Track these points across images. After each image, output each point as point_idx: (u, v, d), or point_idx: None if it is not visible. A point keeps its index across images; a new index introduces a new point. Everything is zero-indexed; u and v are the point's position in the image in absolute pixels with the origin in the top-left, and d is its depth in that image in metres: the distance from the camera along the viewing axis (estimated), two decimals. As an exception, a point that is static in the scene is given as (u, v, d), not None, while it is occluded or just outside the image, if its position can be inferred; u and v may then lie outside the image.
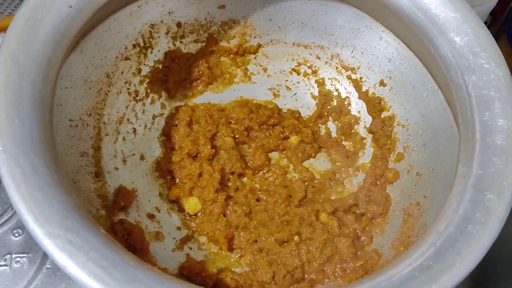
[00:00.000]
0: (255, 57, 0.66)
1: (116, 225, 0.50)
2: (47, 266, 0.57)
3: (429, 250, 0.39)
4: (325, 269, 0.52)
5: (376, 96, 0.62)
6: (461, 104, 0.48)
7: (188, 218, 0.55)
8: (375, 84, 0.62)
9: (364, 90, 0.63)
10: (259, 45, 0.66)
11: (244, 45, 0.65)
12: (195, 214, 0.55)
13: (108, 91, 0.57)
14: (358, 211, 0.57)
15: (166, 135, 0.60)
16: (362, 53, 0.63)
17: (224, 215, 0.55)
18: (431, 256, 0.38)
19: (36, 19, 0.43)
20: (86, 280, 0.33)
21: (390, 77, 0.61)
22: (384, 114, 0.61)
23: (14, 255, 0.57)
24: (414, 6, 0.51)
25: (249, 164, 0.60)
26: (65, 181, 0.39)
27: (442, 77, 0.54)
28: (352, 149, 0.62)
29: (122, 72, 0.58)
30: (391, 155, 0.59)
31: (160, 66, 0.62)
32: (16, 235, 0.58)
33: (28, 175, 0.36)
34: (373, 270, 0.52)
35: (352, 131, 0.63)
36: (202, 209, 0.55)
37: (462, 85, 0.48)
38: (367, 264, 0.52)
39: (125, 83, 0.59)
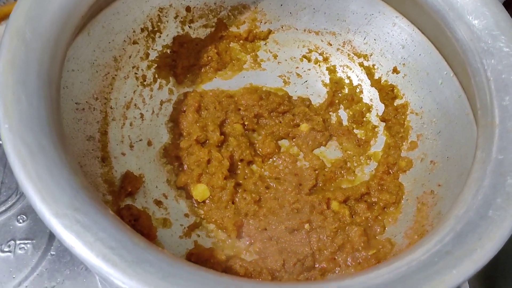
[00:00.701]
0: (265, 43, 0.64)
1: (123, 210, 0.49)
2: (52, 252, 0.56)
3: (448, 235, 0.38)
4: (336, 258, 0.51)
5: (389, 83, 0.61)
6: (479, 89, 0.47)
7: (196, 205, 0.54)
8: (388, 71, 0.61)
9: (377, 78, 0.62)
10: (269, 31, 0.64)
11: (254, 31, 0.64)
12: (203, 201, 0.54)
13: (116, 75, 0.55)
14: (370, 200, 0.56)
15: (174, 121, 0.58)
16: (375, 40, 0.61)
17: (233, 203, 0.54)
18: (450, 241, 0.37)
19: (44, -4, 0.42)
20: (94, 261, 0.32)
21: (404, 64, 0.59)
22: (397, 102, 0.60)
23: (18, 241, 0.56)
24: (430, -11, 0.50)
25: (258, 151, 0.59)
26: (73, 161, 0.38)
27: (459, 62, 0.53)
28: (363, 138, 0.60)
29: (130, 56, 0.57)
30: (404, 143, 0.58)
31: (169, 51, 0.60)
32: (21, 221, 0.57)
33: (35, 154, 0.35)
34: (386, 259, 0.50)
35: (364, 119, 0.61)
36: (211, 196, 0.54)
37: (480, 69, 0.47)
38: (380, 253, 0.51)
39: (133, 67, 0.57)
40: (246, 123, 0.59)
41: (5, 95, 0.37)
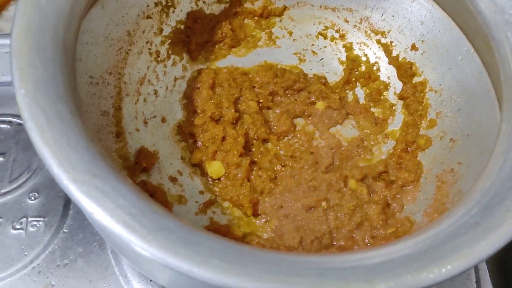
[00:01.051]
0: (280, 20, 0.63)
1: (138, 185, 0.48)
2: (64, 230, 0.55)
3: (475, 208, 0.37)
4: (354, 236, 0.50)
5: (407, 61, 0.59)
6: (503, 63, 0.46)
7: (211, 182, 0.53)
8: (406, 48, 0.60)
9: (395, 55, 0.60)
10: (285, 8, 0.63)
11: (269, 7, 0.63)
12: (218, 179, 0.53)
13: (129, 50, 0.54)
14: (388, 179, 0.54)
15: (188, 98, 0.57)
16: (393, 16, 0.60)
17: (248, 180, 0.53)
18: (478, 214, 0.36)
19: (59, -38, 0.41)
20: (114, 227, 0.31)
21: (423, 40, 0.58)
22: (416, 80, 0.58)
23: (30, 219, 0.55)
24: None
25: (273, 129, 0.58)
26: (90, 129, 0.37)
27: (480, 37, 0.52)
28: (381, 116, 0.59)
29: (144, 31, 0.56)
30: (422, 121, 0.57)
31: (182, 26, 0.59)
32: (33, 198, 0.56)
33: (52, 120, 0.34)
34: (406, 237, 0.49)
35: (381, 97, 0.60)
36: (226, 174, 0.53)
37: (504, 42, 0.46)
38: (399, 231, 0.50)
39: (146, 42, 0.56)
40: (260, 100, 0.58)
41: (21, 61, 0.36)
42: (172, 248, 0.31)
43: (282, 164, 0.55)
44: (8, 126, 0.60)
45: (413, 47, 0.59)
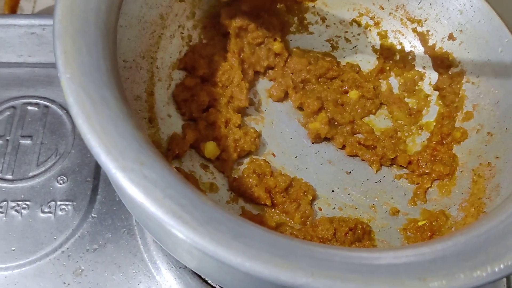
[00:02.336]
0: (313, 5, 0.62)
1: (172, 173, 0.48)
2: (93, 215, 0.55)
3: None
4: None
5: (444, 50, 0.58)
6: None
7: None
8: (443, 38, 0.58)
9: (431, 44, 0.59)
10: (319, -7, 0.62)
11: (303, -8, 0.61)
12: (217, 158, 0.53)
13: (162, 33, 0.53)
14: (421, 171, 0.54)
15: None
16: (430, 4, 0.58)
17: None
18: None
19: None
20: (164, 218, 0.30)
21: (461, 30, 0.57)
22: (452, 70, 0.57)
23: (58, 203, 0.55)
24: None
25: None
26: (134, 115, 0.36)
27: (523, 29, 0.50)
28: (415, 107, 0.58)
29: (176, 15, 0.55)
30: (458, 113, 0.56)
31: (215, 10, 0.58)
32: (61, 182, 0.56)
33: (98, 106, 0.33)
34: (441, 232, 0.49)
35: (416, 87, 0.59)
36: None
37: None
38: (434, 225, 0.49)
39: (179, 26, 0.55)
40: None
41: (65, 44, 0.35)
42: (223, 240, 0.30)
43: None
44: (36, 109, 0.60)
45: (451, 37, 0.57)
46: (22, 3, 0.88)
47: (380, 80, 0.60)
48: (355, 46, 0.61)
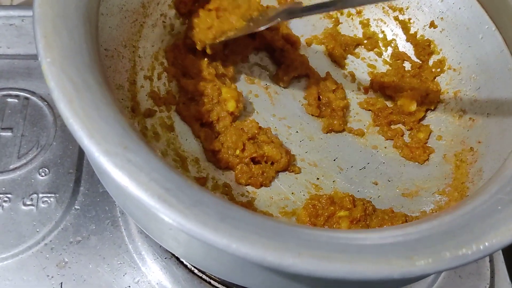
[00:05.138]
0: (296, -5, 0.62)
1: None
2: (76, 207, 0.54)
3: (509, 185, 0.36)
4: None
5: (425, 38, 0.58)
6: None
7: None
8: (424, 26, 0.59)
9: (413, 32, 0.59)
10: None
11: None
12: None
13: (144, 22, 0.53)
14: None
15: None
16: (411, -8, 0.59)
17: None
18: (513, 191, 0.35)
19: None
20: (149, 201, 0.30)
21: (442, 18, 0.57)
22: (434, 58, 0.58)
23: (40, 195, 0.54)
24: None
25: None
26: (117, 100, 0.35)
27: (503, 15, 0.51)
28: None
29: (158, 3, 0.54)
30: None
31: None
32: (43, 174, 0.55)
33: (80, 90, 0.33)
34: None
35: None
36: None
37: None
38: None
39: (161, 15, 0.55)
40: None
41: (45, 28, 0.34)
42: (210, 223, 0.30)
43: None
44: (16, 100, 0.59)
45: (432, 25, 0.58)
46: (0, -4, 0.86)
47: (363, 68, 0.60)
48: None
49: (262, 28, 0.52)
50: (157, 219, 0.31)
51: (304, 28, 0.62)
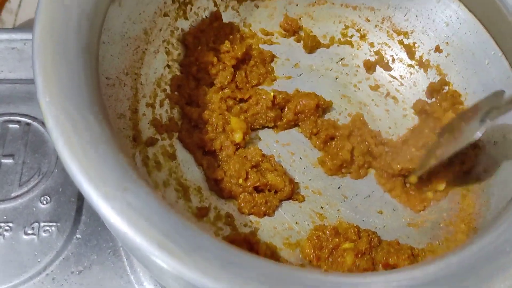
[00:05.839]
0: (299, 18, 0.61)
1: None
2: (77, 236, 0.53)
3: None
4: None
5: (430, 63, 0.58)
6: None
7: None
8: (430, 50, 0.58)
9: (418, 57, 0.59)
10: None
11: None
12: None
13: (146, 49, 0.52)
14: None
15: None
16: (416, 16, 0.58)
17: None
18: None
19: (81, -41, 0.39)
20: (149, 248, 0.29)
21: (447, 42, 0.56)
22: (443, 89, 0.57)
23: (42, 224, 0.53)
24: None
25: None
26: (116, 136, 0.35)
27: (509, 41, 0.50)
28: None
29: (160, 30, 0.54)
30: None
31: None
32: (44, 202, 0.54)
33: (79, 129, 0.32)
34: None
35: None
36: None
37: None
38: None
39: (163, 41, 0.54)
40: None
41: (45, 62, 0.34)
42: (211, 271, 0.29)
43: None
44: (17, 126, 0.58)
45: (437, 49, 0.57)
46: (4, 15, 0.86)
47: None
48: (343, 58, 0.61)
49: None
50: (157, 264, 0.30)
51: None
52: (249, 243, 0.47)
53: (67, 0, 0.37)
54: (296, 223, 0.51)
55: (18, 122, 0.59)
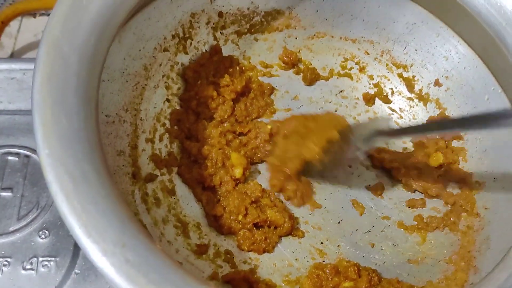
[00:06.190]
0: (299, 50, 0.61)
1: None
2: (76, 271, 0.53)
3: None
4: None
5: (430, 96, 0.58)
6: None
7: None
8: (429, 84, 0.58)
9: (417, 90, 0.59)
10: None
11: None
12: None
13: (146, 84, 0.52)
14: None
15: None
16: (416, 50, 0.58)
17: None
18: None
19: (81, 5, 0.39)
20: (148, 308, 0.29)
21: (447, 76, 0.57)
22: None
23: (40, 259, 0.53)
24: (486, 2, 0.47)
25: None
26: (116, 188, 0.35)
27: (509, 77, 0.50)
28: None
29: (160, 65, 0.54)
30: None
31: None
32: (43, 236, 0.54)
33: (78, 183, 0.32)
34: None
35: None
36: None
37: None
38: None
39: (163, 76, 0.54)
40: None
41: (44, 115, 0.34)
42: (210, 329, 0.29)
43: None
44: (16, 159, 0.58)
45: (437, 83, 0.57)
46: (3, 39, 0.86)
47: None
48: (342, 91, 0.61)
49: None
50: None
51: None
52: (249, 282, 0.47)
53: (66, 47, 0.36)
54: (296, 259, 0.50)
55: (17, 154, 0.58)
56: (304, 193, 0.53)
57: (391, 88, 0.60)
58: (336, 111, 0.60)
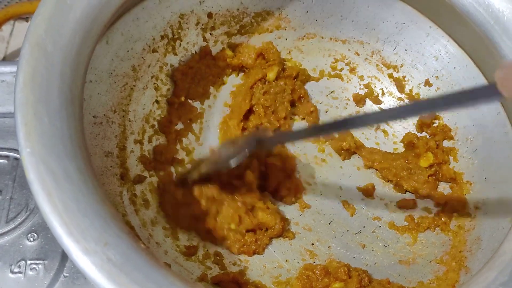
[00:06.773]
0: (289, 52, 0.61)
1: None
2: (65, 274, 0.52)
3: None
4: None
5: (420, 96, 0.58)
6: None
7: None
8: (419, 84, 0.58)
9: (407, 90, 0.59)
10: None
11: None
12: None
13: (134, 85, 0.52)
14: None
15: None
16: (406, 50, 0.58)
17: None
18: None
19: (66, 4, 0.39)
20: (129, 307, 0.29)
21: (437, 76, 0.56)
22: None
23: (29, 262, 0.52)
24: (474, 1, 0.47)
25: None
26: (99, 187, 0.34)
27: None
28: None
29: (149, 66, 0.54)
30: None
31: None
32: (31, 239, 0.54)
33: (60, 181, 0.32)
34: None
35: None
36: None
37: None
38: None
39: (152, 77, 0.54)
40: None
41: (26, 115, 0.34)
42: (192, 328, 0.28)
43: None
44: (5, 161, 0.58)
45: (427, 83, 0.57)
46: (-5, 43, 0.86)
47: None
48: (333, 91, 0.61)
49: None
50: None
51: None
52: (238, 283, 0.46)
53: (49, 47, 0.36)
54: (286, 261, 0.50)
55: (7, 157, 0.58)
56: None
57: (382, 89, 0.60)
58: (326, 112, 0.60)
